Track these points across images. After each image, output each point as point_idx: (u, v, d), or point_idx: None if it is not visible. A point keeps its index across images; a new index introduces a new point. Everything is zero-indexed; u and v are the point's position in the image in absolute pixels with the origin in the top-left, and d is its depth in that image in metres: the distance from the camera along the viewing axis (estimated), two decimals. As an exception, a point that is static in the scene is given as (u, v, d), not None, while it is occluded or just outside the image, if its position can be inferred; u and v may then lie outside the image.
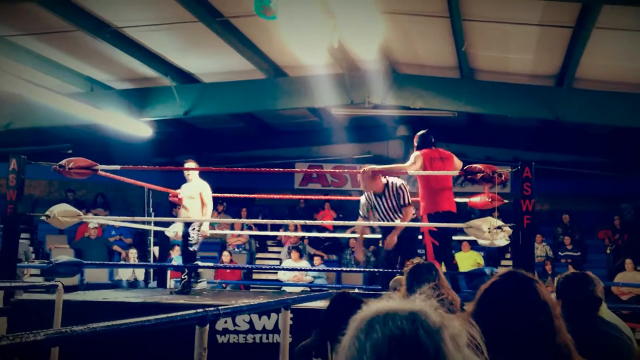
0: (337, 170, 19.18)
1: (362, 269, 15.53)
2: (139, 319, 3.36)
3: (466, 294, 7.81)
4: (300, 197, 18.32)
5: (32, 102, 13.62)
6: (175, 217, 13.76)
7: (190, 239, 10.60)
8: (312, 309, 7.75)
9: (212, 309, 4.08)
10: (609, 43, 11.11)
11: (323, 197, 17.84)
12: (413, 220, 9.35)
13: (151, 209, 13.22)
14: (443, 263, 8.66)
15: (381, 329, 1.28)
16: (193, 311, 3.97)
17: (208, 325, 3.99)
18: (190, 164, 10.76)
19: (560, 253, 16.77)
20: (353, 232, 14.80)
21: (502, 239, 8.02)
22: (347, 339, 1.32)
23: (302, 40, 11.92)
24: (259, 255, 18.38)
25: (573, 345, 2.53)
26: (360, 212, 9.44)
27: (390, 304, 1.34)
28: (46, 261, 10.47)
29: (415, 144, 9.21)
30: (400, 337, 1.26)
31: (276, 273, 15.78)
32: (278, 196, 16.87)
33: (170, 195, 11.65)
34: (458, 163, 9.11)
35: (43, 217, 9.16)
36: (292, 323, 6.27)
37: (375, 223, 8.56)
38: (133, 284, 14.41)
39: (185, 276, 10.51)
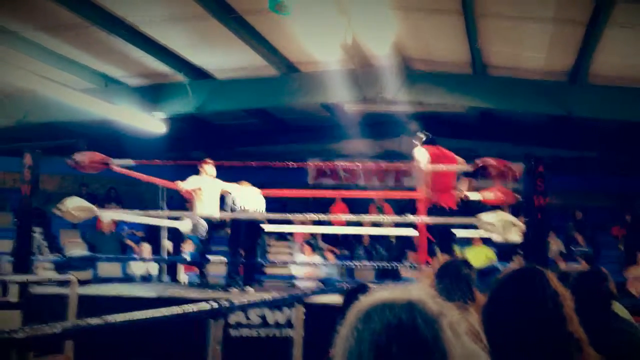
0: (349, 165, 19.17)
1: (374, 263, 15.56)
2: (154, 312, 3.38)
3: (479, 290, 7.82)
4: (313, 193, 18.37)
5: (46, 98, 13.68)
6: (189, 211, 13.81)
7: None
8: (325, 304, 7.78)
9: (225, 303, 4.11)
10: (623, 40, 11.08)
11: (334, 194, 17.84)
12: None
13: (164, 204, 13.26)
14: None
15: (379, 319, 1.28)
16: (207, 305, 4.00)
17: (221, 319, 4.02)
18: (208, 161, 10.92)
19: (572, 249, 16.72)
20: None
21: (514, 235, 8.03)
22: (345, 329, 1.32)
23: (315, 36, 11.95)
24: (271, 249, 18.41)
25: (585, 336, 2.54)
26: None
27: (388, 294, 1.34)
28: (60, 255, 10.56)
29: (419, 143, 9.27)
30: (398, 326, 1.26)
31: (288, 267, 15.80)
32: (291, 192, 16.87)
33: (182, 191, 11.66)
34: (461, 161, 9.16)
35: (56, 211, 9.21)
36: (305, 318, 6.30)
37: (386, 218, 8.57)
38: (146, 278, 14.45)
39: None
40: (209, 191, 10.70)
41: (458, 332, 1.29)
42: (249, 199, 10.19)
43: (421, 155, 8.95)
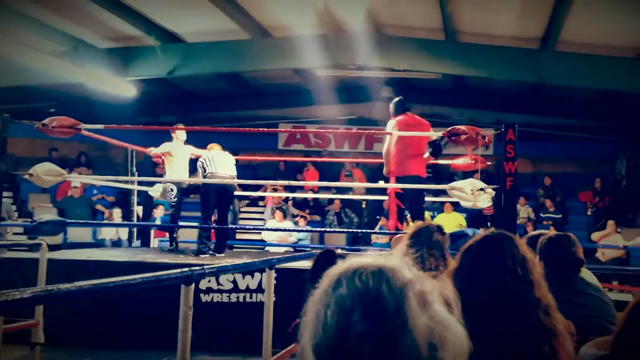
0: (320, 130, 19.17)
1: (345, 230, 15.64)
2: (125, 278, 3.38)
3: (451, 255, 7.89)
4: (284, 158, 18.35)
5: (15, 61, 13.51)
6: (158, 176, 13.77)
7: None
8: (296, 269, 7.82)
9: (197, 268, 4.12)
10: (594, 6, 11.12)
11: (306, 159, 17.86)
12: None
13: (134, 169, 13.20)
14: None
15: (347, 284, 1.28)
16: (179, 270, 4.00)
17: (193, 285, 4.03)
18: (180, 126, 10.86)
19: (541, 215, 16.89)
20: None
21: (484, 201, 8.10)
22: (317, 292, 1.33)
23: (287, 0, 11.87)
24: (242, 215, 18.44)
25: (553, 302, 2.57)
26: None
27: (362, 260, 1.34)
28: (29, 220, 10.49)
29: (391, 110, 9.29)
30: (364, 292, 1.26)
31: (259, 233, 15.83)
32: (262, 157, 16.85)
33: (153, 155, 11.60)
34: (431, 131, 9.22)
35: (26, 176, 9.15)
36: (276, 282, 6.33)
37: (357, 184, 8.61)
38: (116, 243, 14.43)
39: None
40: (179, 156, 10.65)
41: (427, 303, 1.28)
42: (220, 163, 10.13)
43: (391, 134, 8.98)
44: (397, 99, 9.40)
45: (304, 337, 1.31)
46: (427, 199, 10.38)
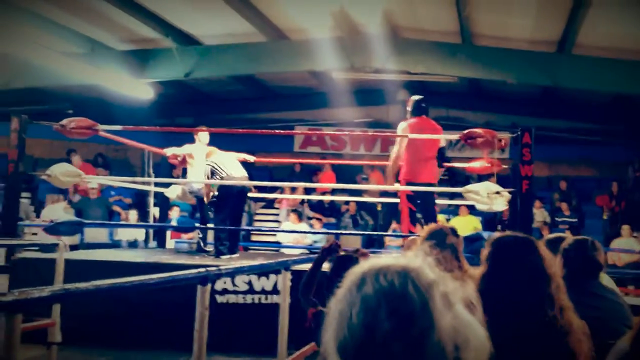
0: (336, 132, 19.17)
1: (360, 232, 15.65)
2: (142, 277, 3.41)
3: (466, 258, 7.88)
4: (300, 160, 18.36)
5: (32, 62, 13.59)
6: (175, 178, 13.80)
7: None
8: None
9: (213, 268, 4.14)
10: (611, 10, 11.08)
11: (323, 161, 17.87)
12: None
13: (151, 170, 13.24)
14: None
15: (372, 283, 1.30)
16: (195, 271, 4.03)
17: (209, 285, 4.05)
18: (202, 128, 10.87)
19: (557, 219, 16.83)
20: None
21: (500, 204, 8.09)
22: (341, 292, 1.35)
23: (303, 3, 11.90)
24: (258, 217, 18.47)
25: (569, 302, 2.60)
26: None
27: (386, 260, 1.36)
28: (47, 220, 10.55)
29: (409, 108, 9.26)
30: (389, 291, 1.28)
31: (275, 235, 15.85)
32: (278, 159, 16.87)
33: (169, 157, 11.63)
34: (445, 136, 9.21)
35: (44, 177, 9.21)
36: (291, 284, 6.35)
37: (372, 187, 8.64)
38: (133, 244, 14.48)
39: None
40: (201, 158, 10.61)
41: (451, 303, 1.30)
42: (231, 166, 10.12)
43: (401, 139, 8.97)
44: (415, 98, 9.34)
45: (326, 337, 1.33)
46: (442, 201, 10.38)
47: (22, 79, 15.09)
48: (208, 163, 10.09)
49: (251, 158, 11.00)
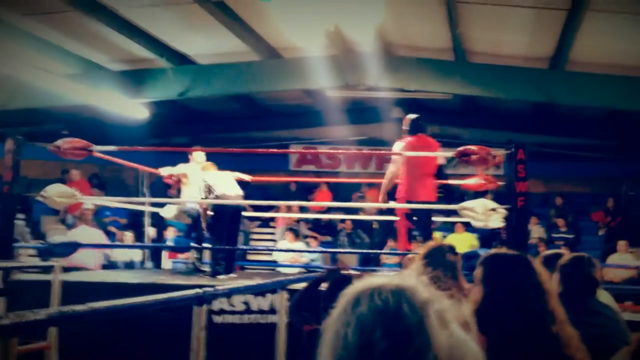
0: (331, 151, 19.19)
1: (357, 251, 15.62)
2: (138, 299, 3.40)
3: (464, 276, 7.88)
4: (295, 179, 18.37)
5: (27, 83, 13.60)
6: (170, 197, 13.79)
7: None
8: (307, 290, 7.79)
9: (209, 289, 4.13)
10: (603, 25, 11.13)
11: (318, 179, 17.87)
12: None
13: (146, 190, 13.25)
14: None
15: (367, 303, 1.30)
16: (192, 291, 4.01)
17: (205, 306, 4.04)
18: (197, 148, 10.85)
19: (553, 235, 16.84)
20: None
21: (496, 221, 8.09)
22: (335, 311, 1.35)
23: (297, 22, 11.93)
24: (254, 236, 18.45)
25: (564, 315, 2.61)
26: None
27: (380, 280, 1.36)
28: (42, 242, 10.53)
29: (406, 127, 9.27)
30: (384, 310, 1.28)
31: (271, 254, 15.83)
32: (273, 178, 16.88)
33: (165, 177, 11.64)
34: (442, 153, 9.20)
35: (39, 198, 9.19)
36: (288, 303, 6.33)
37: (368, 204, 8.66)
38: (129, 265, 14.43)
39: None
40: (195, 178, 10.60)
41: (446, 321, 1.30)
42: (226, 184, 10.10)
43: (395, 158, 8.99)
44: (412, 116, 9.35)
45: (322, 356, 1.33)
46: (438, 219, 10.36)
47: (17, 101, 15.08)
48: (203, 180, 10.09)
49: (247, 177, 10.98)
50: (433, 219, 9.70)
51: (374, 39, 12.87)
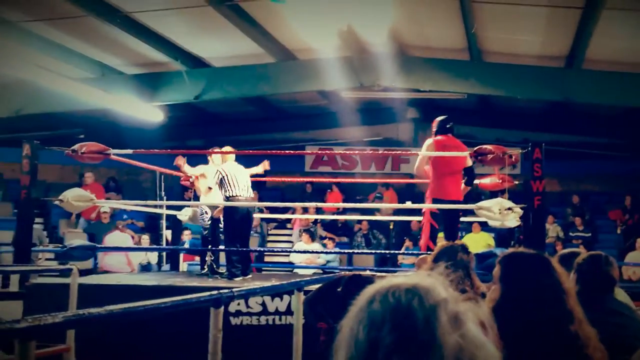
0: (347, 152, 19.19)
1: (373, 251, 15.62)
2: (155, 302, 3.41)
3: (479, 275, 7.86)
4: (310, 179, 18.37)
5: (44, 88, 13.67)
6: (187, 200, 13.83)
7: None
8: (324, 291, 7.79)
9: (226, 291, 4.14)
10: (619, 24, 11.08)
11: (333, 180, 17.88)
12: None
13: (163, 193, 13.28)
14: None
15: (381, 300, 1.32)
16: (208, 293, 4.02)
17: (222, 307, 4.05)
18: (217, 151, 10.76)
19: (571, 234, 16.77)
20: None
21: (512, 220, 8.07)
22: (353, 309, 1.37)
23: (311, 23, 11.94)
24: (270, 238, 18.46)
25: (582, 314, 2.61)
26: None
27: (398, 279, 1.38)
28: (60, 245, 10.59)
29: (434, 129, 9.20)
30: (395, 307, 1.29)
31: (288, 256, 15.83)
32: (289, 179, 16.88)
33: (182, 179, 11.71)
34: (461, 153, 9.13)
35: (56, 202, 9.24)
36: (303, 306, 6.32)
37: (384, 205, 8.67)
38: (146, 268, 14.48)
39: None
40: (212, 180, 10.54)
41: (460, 322, 1.29)
42: (241, 183, 10.01)
43: (421, 155, 8.93)
44: (440, 118, 9.32)
45: (338, 354, 1.34)
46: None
47: (34, 105, 15.17)
48: (220, 170, 10.02)
49: (262, 168, 10.80)
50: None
51: (388, 39, 12.86)
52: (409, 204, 9.17)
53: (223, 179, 9.90)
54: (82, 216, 16.32)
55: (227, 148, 10.50)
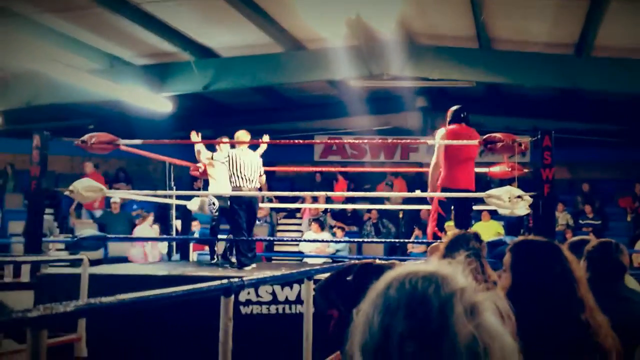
0: (356, 141, 19.18)
1: (382, 240, 15.63)
2: (166, 291, 3.42)
3: (489, 263, 7.86)
4: (319, 169, 18.37)
5: (54, 79, 13.72)
6: (196, 190, 13.85)
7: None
8: (334, 280, 7.80)
9: (236, 279, 4.15)
10: (628, 11, 11.03)
11: (341, 169, 17.87)
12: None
13: (173, 183, 13.30)
14: None
15: (397, 287, 1.32)
16: (218, 282, 4.03)
17: (233, 296, 4.06)
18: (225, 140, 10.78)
19: (580, 221, 16.75)
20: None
21: (522, 208, 8.05)
22: (370, 295, 1.37)
23: (320, 13, 11.93)
24: (280, 227, 18.50)
25: (594, 302, 2.61)
26: None
27: (416, 266, 1.37)
28: (71, 236, 10.62)
29: (449, 118, 9.16)
30: (411, 294, 1.29)
31: (297, 245, 15.86)
32: (298, 168, 16.89)
33: (191, 169, 11.73)
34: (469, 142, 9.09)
35: (67, 192, 9.27)
36: (314, 293, 6.34)
37: (395, 194, 8.66)
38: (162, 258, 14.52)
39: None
40: (222, 169, 10.57)
41: (477, 312, 1.29)
42: (248, 173, 10.03)
43: (438, 148, 8.88)
44: (455, 107, 9.27)
45: (354, 339, 1.34)
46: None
47: (44, 97, 15.22)
48: (229, 153, 10.04)
49: (264, 140, 10.83)
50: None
51: (396, 28, 12.84)
52: (418, 193, 9.12)
53: (228, 163, 9.95)
54: (84, 207, 16.38)
55: (243, 132, 10.50)
